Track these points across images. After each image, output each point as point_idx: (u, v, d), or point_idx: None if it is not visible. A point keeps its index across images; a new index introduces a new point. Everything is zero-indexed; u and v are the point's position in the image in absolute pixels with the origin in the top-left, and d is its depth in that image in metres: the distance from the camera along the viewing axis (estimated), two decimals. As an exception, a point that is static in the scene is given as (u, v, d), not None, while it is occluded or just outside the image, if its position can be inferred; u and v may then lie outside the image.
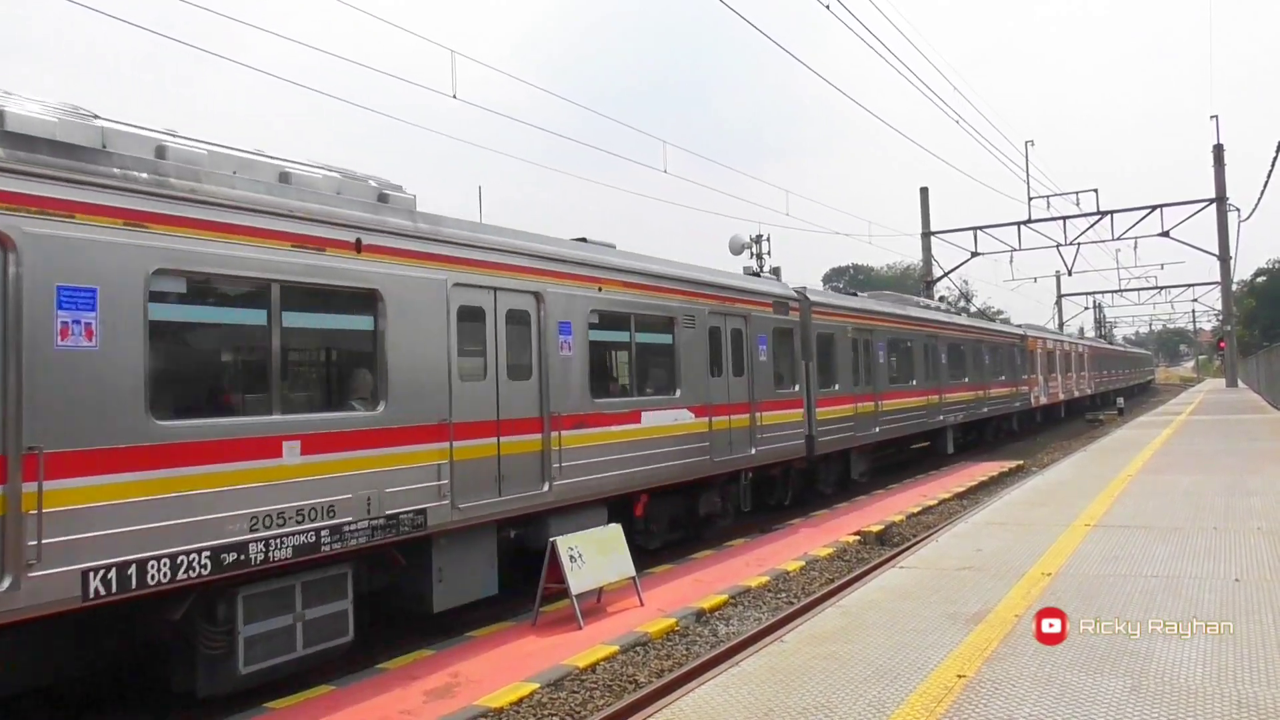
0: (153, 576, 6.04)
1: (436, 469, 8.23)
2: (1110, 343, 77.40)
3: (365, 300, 7.89)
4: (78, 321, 5.85)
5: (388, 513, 7.69)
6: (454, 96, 13.54)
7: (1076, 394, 42.62)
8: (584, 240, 11.44)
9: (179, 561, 6.19)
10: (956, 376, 24.46)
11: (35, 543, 5.47)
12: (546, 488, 9.53)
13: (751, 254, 32.91)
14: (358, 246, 7.75)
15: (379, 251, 7.93)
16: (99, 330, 5.94)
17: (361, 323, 7.99)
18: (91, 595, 5.73)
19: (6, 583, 5.39)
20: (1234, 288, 49.76)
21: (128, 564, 5.92)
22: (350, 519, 7.37)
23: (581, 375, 10.20)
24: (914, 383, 21.28)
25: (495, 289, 9.20)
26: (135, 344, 6.12)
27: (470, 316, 8.91)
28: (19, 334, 5.55)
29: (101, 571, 5.78)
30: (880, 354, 19.05)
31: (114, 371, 5.98)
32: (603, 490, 10.41)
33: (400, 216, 8.33)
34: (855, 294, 20.32)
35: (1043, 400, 34.88)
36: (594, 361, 10.59)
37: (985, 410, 26.83)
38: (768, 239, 33.39)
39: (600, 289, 10.65)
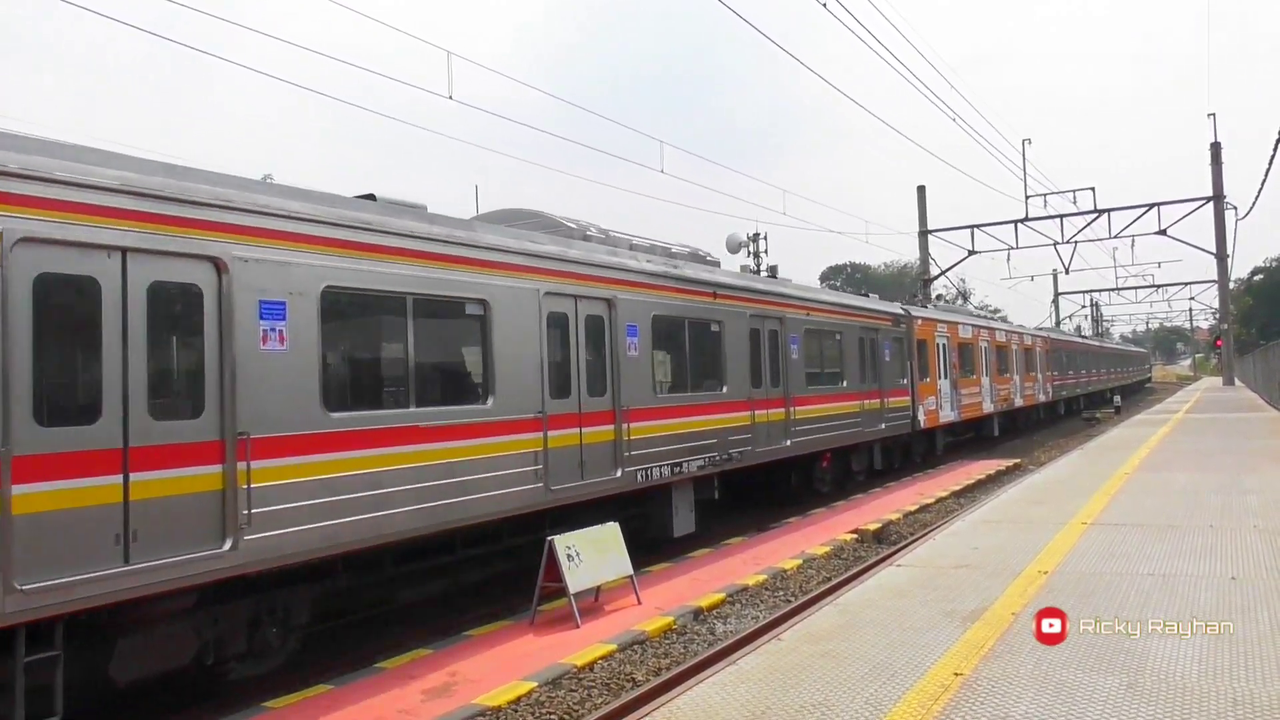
0: None
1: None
2: (1085, 336, 65.22)
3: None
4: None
5: None
6: (450, 97, 13.55)
7: (1020, 402, 31.80)
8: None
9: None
10: (707, 383, 13.29)
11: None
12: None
13: (749, 253, 33.03)
14: None
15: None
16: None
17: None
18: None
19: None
20: (1231, 286, 49.77)
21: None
22: None
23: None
24: (514, 399, 9.67)
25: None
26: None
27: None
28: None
29: None
30: (327, 339, 7.77)
31: None
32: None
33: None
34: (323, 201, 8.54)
35: (948, 417, 23.55)
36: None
37: (787, 444, 14.94)
38: (765, 237, 33.53)
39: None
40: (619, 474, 10.88)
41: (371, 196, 8.72)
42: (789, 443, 15.08)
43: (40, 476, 5.68)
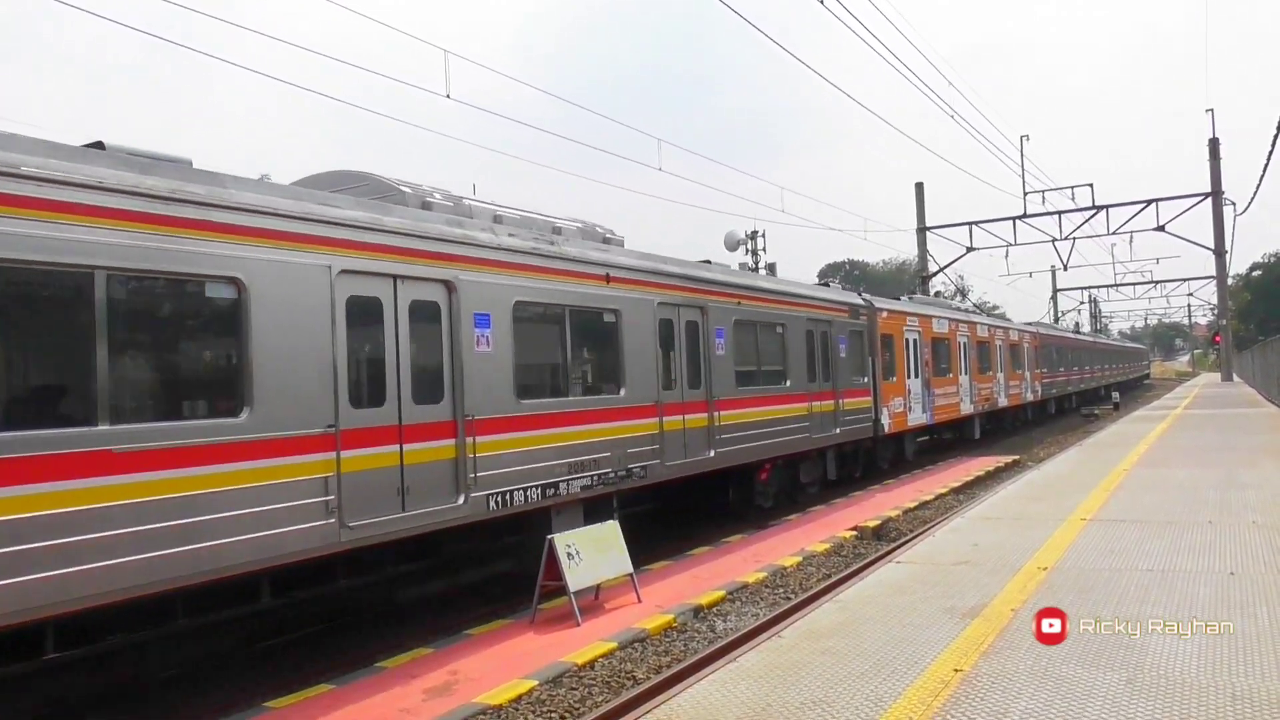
0: None
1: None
2: (1079, 332, 62.95)
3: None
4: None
5: None
6: (448, 96, 13.55)
7: (1004, 402, 29.93)
8: None
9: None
10: (598, 385, 11.30)
11: None
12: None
13: (747, 250, 33.05)
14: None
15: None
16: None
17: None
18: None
19: None
20: (1230, 282, 49.81)
21: None
22: None
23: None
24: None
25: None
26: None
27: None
28: None
29: None
30: None
31: None
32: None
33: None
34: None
35: (918, 419, 21.57)
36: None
37: (711, 454, 12.88)
38: (763, 235, 33.58)
39: None
40: (462, 501, 8.66)
41: (100, 145, 6.79)
42: (713, 453, 12.91)
43: None
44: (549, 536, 8.98)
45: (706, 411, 12.92)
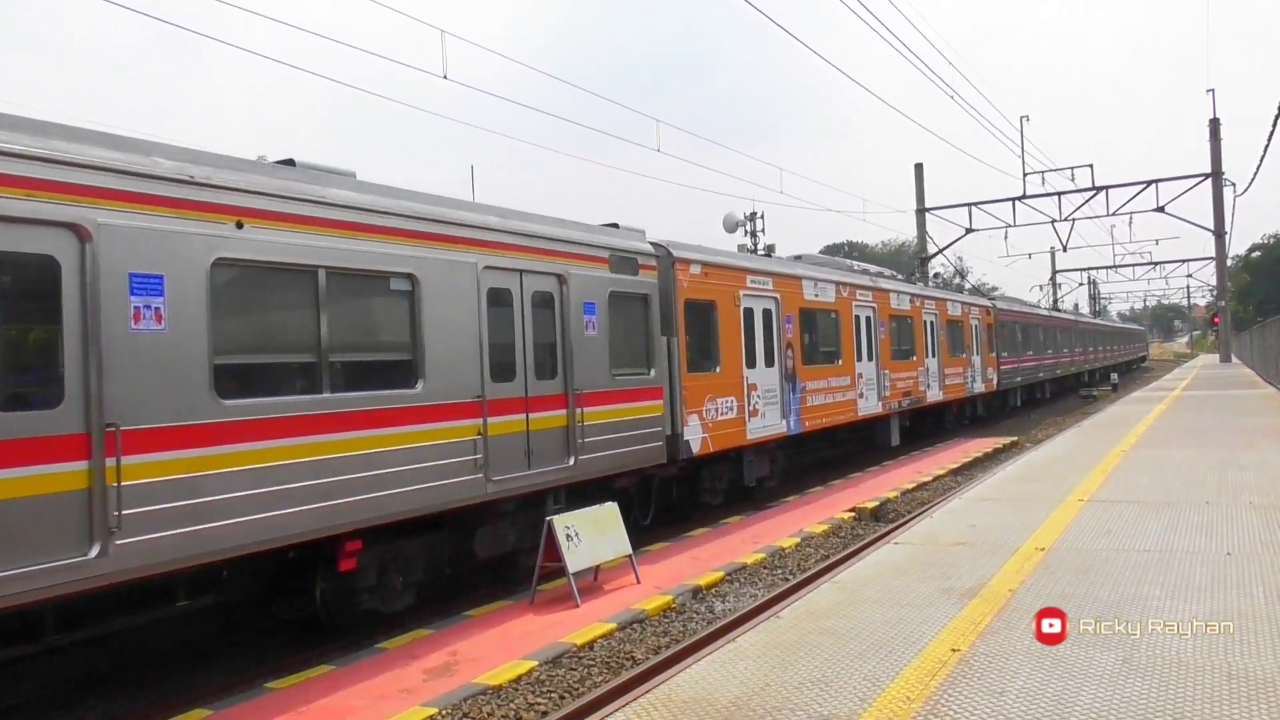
0: None
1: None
2: (1059, 310, 54.99)
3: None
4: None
5: None
6: (444, 77, 13.47)
7: (938, 395, 23.52)
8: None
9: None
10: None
11: None
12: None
13: (746, 231, 32.96)
14: None
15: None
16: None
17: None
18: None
19: None
20: (1229, 263, 49.77)
21: None
22: None
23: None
24: None
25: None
26: None
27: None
28: None
29: None
30: None
31: None
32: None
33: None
34: None
35: (771, 429, 14.66)
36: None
37: (92, 556, 5.73)
38: (762, 216, 33.46)
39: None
40: None
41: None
42: (97, 554, 5.80)
43: None
44: (548, 518, 9.00)
45: (85, 459, 5.87)
